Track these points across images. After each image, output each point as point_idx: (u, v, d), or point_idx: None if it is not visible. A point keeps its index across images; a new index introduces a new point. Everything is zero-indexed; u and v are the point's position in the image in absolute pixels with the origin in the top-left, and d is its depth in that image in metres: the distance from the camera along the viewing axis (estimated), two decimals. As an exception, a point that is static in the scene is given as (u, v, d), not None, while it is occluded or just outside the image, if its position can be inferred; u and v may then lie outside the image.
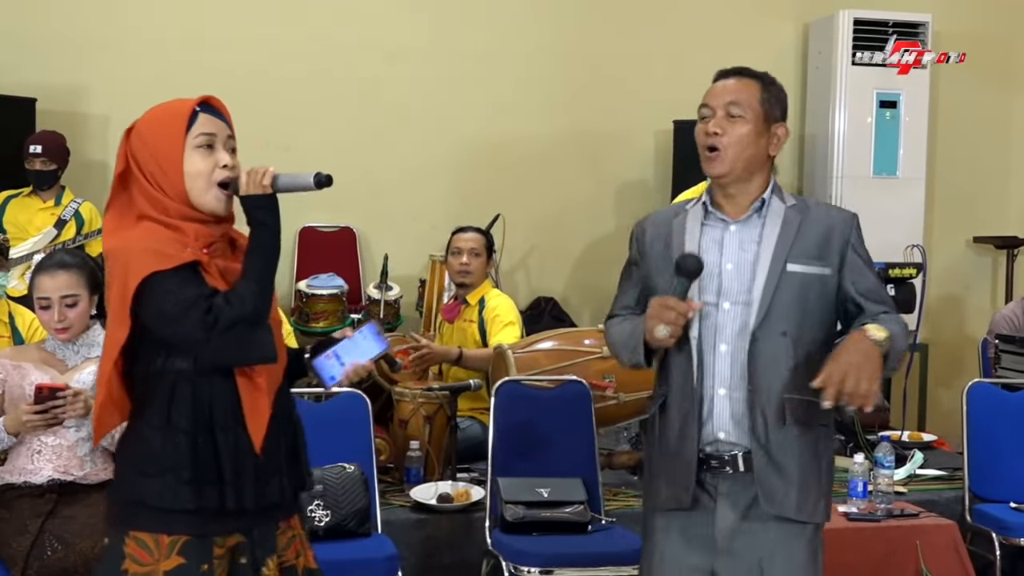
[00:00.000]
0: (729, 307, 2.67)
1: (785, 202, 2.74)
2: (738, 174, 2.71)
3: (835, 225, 2.73)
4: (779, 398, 2.63)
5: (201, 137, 2.44)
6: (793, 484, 2.64)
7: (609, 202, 7.17)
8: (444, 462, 4.75)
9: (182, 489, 2.37)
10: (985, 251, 7.60)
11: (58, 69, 6.39)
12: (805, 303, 2.66)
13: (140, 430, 2.43)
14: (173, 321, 2.34)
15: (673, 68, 6.96)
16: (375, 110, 6.80)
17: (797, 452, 2.65)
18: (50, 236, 5.73)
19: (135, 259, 2.35)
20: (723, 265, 2.70)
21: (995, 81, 7.45)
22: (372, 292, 6.09)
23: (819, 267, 2.68)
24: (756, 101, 2.71)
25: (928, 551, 4.27)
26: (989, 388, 4.92)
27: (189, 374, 2.40)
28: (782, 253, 2.67)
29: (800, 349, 2.65)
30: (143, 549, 2.38)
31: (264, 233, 2.44)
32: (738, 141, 2.69)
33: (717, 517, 2.68)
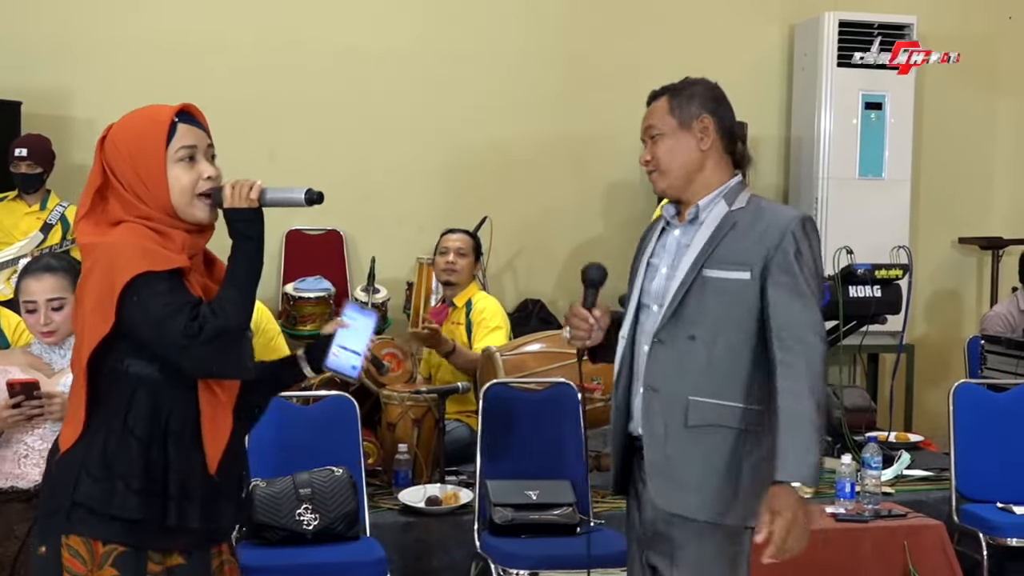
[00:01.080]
0: (656, 309, 2.75)
1: (732, 205, 2.74)
2: (679, 183, 2.78)
3: (770, 228, 2.68)
4: (684, 400, 2.67)
5: (183, 151, 2.41)
6: (692, 483, 2.67)
7: (596, 204, 7.18)
8: (432, 465, 4.75)
9: (130, 498, 2.33)
10: (970, 252, 7.63)
11: (43, 73, 6.38)
12: (719, 308, 2.67)
13: (92, 431, 2.36)
14: (157, 324, 2.31)
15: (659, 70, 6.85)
16: (362, 113, 6.79)
17: (700, 453, 2.67)
18: (36, 240, 5.70)
19: (126, 254, 2.32)
20: (659, 269, 2.79)
21: (979, 83, 7.48)
22: (359, 295, 6.08)
23: (737, 272, 2.66)
24: (666, 114, 2.79)
25: (915, 551, 4.28)
26: (975, 388, 4.94)
27: (151, 381, 2.37)
28: (702, 258, 2.70)
29: (714, 353, 2.66)
30: (75, 558, 2.34)
31: (248, 246, 2.41)
32: (665, 155, 2.77)
33: (641, 504, 2.79)
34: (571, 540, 4.11)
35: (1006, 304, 6.58)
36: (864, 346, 5.97)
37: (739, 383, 2.67)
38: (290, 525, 3.91)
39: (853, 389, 6.24)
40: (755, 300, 2.66)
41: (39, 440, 3.57)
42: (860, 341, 5.64)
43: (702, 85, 2.84)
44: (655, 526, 2.74)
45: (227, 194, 2.42)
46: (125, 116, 2.49)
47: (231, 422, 2.42)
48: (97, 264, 2.34)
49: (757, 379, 2.68)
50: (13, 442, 3.58)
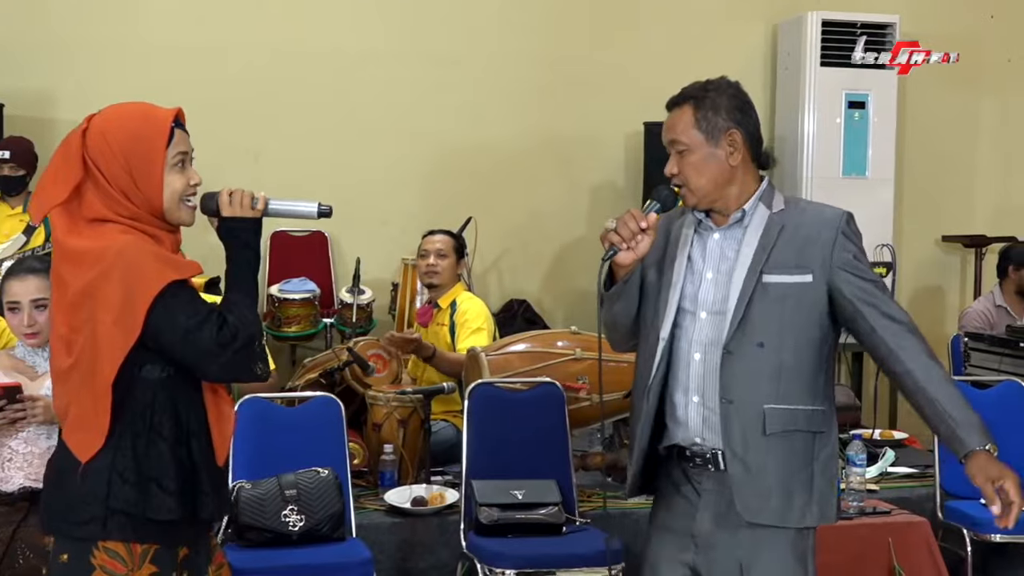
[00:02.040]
0: (706, 317, 2.69)
1: (772, 208, 2.72)
2: (710, 198, 2.71)
3: (818, 228, 2.68)
4: (759, 409, 2.64)
5: (178, 156, 2.43)
6: (773, 492, 2.64)
7: (580, 205, 7.18)
8: (418, 465, 4.75)
9: (165, 498, 2.35)
10: (954, 250, 7.66)
11: (26, 75, 6.35)
12: (783, 313, 2.65)
13: (118, 437, 2.35)
14: (186, 333, 2.32)
15: (643, 70, 6.97)
16: (346, 115, 6.78)
17: (779, 460, 2.65)
18: (19, 243, 5.68)
19: (147, 264, 2.31)
20: (704, 274, 2.72)
21: (962, 82, 7.51)
22: (344, 296, 6.07)
23: (798, 275, 2.65)
24: (691, 127, 2.70)
25: (900, 548, 4.30)
26: (959, 385, 4.94)
27: (165, 382, 2.38)
28: (758, 263, 2.66)
29: (782, 359, 2.64)
30: (114, 559, 2.34)
31: (248, 253, 2.45)
32: (692, 172, 2.69)
33: (698, 514, 2.71)
34: (557, 540, 4.12)
35: (983, 300, 6.63)
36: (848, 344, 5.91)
37: (807, 386, 2.67)
38: (275, 526, 3.90)
39: (837, 387, 6.21)
40: (817, 301, 2.67)
41: (23, 444, 3.56)
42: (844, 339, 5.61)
43: (726, 92, 2.75)
44: (716, 535, 2.69)
45: (224, 202, 2.44)
46: (113, 110, 2.47)
47: (234, 414, 2.50)
48: (111, 273, 2.30)
49: (820, 380, 2.70)
50: (-2, 446, 3.58)
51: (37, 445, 3.57)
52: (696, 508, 2.72)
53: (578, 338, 5.07)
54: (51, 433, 3.56)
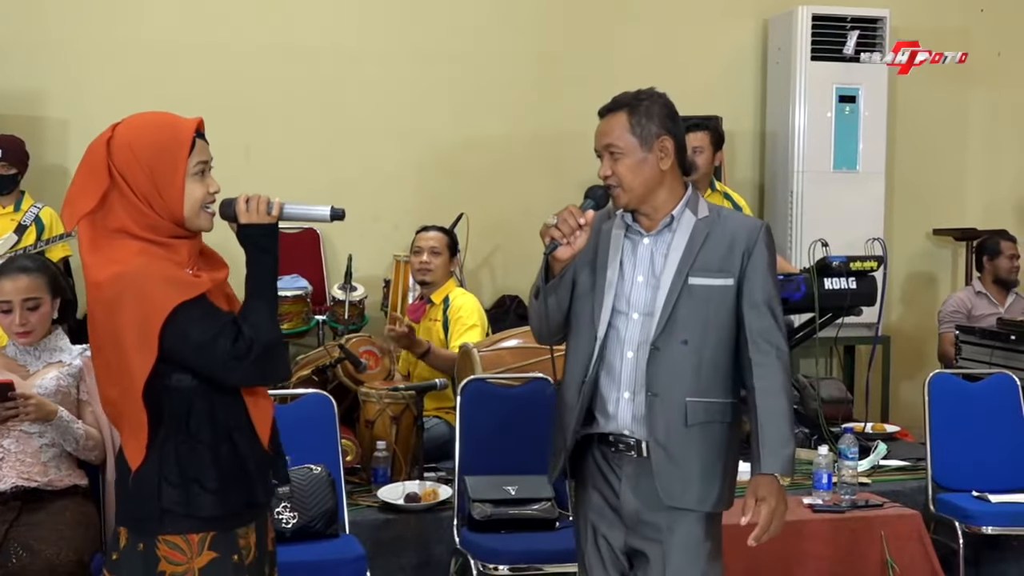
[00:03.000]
0: (637, 317, 2.87)
1: (697, 214, 2.89)
2: (640, 199, 2.89)
3: (739, 235, 2.87)
4: (681, 401, 2.82)
5: (199, 165, 2.49)
6: (694, 479, 2.83)
7: (572, 200, 7.02)
8: (411, 462, 4.75)
9: (206, 498, 2.45)
10: (945, 243, 7.68)
11: (16, 74, 6.33)
12: (706, 313, 2.83)
13: (160, 443, 2.46)
14: (200, 349, 2.40)
15: (634, 66, 6.96)
16: (337, 111, 6.78)
17: (698, 449, 2.84)
18: (10, 242, 5.67)
19: (155, 288, 2.38)
20: (635, 277, 2.89)
21: (952, 76, 7.52)
22: (336, 293, 6.07)
23: (721, 279, 2.84)
24: (626, 132, 2.86)
25: (892, 541, 4.31)
26: (951, 379, 4.98)
27: (199, 388, 2.46)
28: (685, 267, 2.84)
29: (703, 356, 2.83)
30: (174, 550, 2.46)
31: (267, 259, 2.52)
32: (627, 174, 2.85)
33: (621, 498, 2.88)
34: (550, 535, 4.12)
35: (966, 289, 6.74)
36: (840, 338, 5.99)
37: (722, 380, 2.87)
38: (269, 523, 3.90)
39: (829, 381, 6.27)
40: (734, 303, 2.86)
41: (15, 443, 3.56)
42: (836, 333, 5.66)
43: (659, 102, 2.91)
44: (639, 516, 2.86)
45: (242, 208, 2.51)
46: (137, 120, 2.51)
47: (272, 403, 2.59)
48: (125, 299, 2.37)
49: (733, 375, 2.90)
50: (-10, 445, 3.58)
51: (30, 444, 3.57)
52: (618, 491, 2.89)
53: (570, 333, 5.06)
54: (43, 432, 3.56)
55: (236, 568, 2.50)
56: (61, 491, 3.57)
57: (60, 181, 6.16)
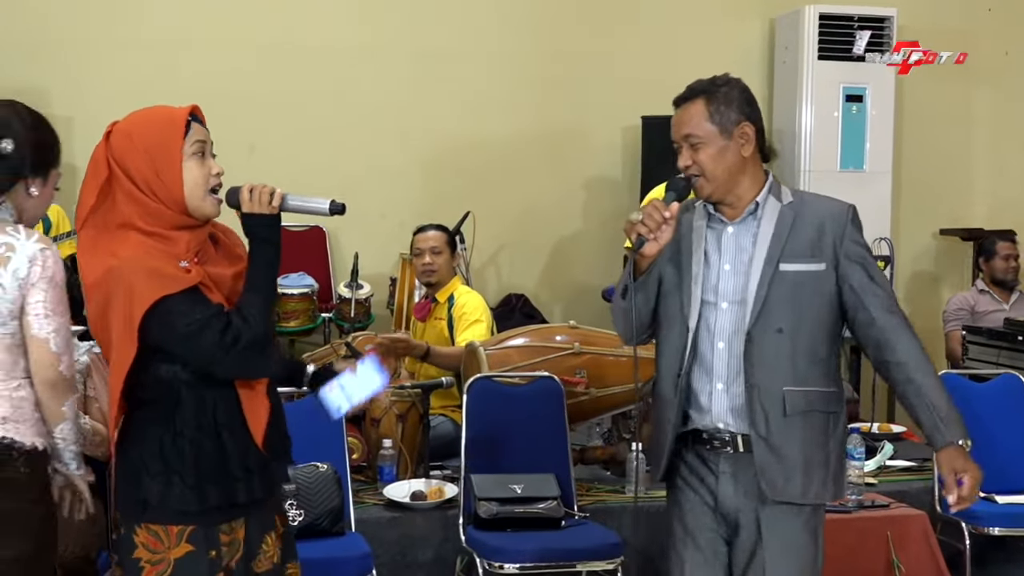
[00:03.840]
0: (727, 307, 2.81)
1: (782, 200, 2.84)
2: (724, 188, 2.81)
3: (828, 219, 2.82)
4: (779, 391, 2.75)
5: (196, 145, 2.51)
6: (796, 471, 2.77)
7: (578, 199, 7.17)
8: (417, 460, 4.75)
9: (186, 492, 2.46)
10: (951, 243, 7.67)
11: (20, 71, 6.32)
12: (800, 300, 2.78)
13: (144, 432, 2.48)
14: (186, 341, 2.42)
15: (640, 64, 6.97)
16: (343, 109, 6.78)
17: (799, 440, 2.77)
18: (17, 238, 5.66)
19: (139, 282, 2.39)
20: (722, 266, 2.83)
21: (958, 75, 7.50)
22: (343, 291, 6.07)
23: (813, 264, 2.79)
24: (706, 120, 2.80)
25: (899, 541, 4.31)
26: (957, 379, 4.96)
27: (190, 380, 2.48)
28: (775, 253, 2.78)
29: (798, 343, 2.78)
30: (154, 537, 2.47)
31: (268, 249, 2.54)
32: (707, 164, 2.78)
33: (719, 494, 2.82)
34: (556, 534, 4.12)
35: (971, 288, 6.73)
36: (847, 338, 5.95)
37: (821, 368, 2.81)
38: (275, 521, 3.90)
39: (836, 381, 6.25)
40: (829, 288, 2.80)
41: (22, 439, 3.56)
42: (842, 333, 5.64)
43: (736, 87, 2.86)
44: (738, 513, 2.81)
45: (245, 197, 2.52)
46: (134, 114, 2.55)
47: (268, 403, 2.56)
48: (115, 292, 2.41)
49: (832, 363, 2.86)
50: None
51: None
52: (715, 489, 2.83)
53: (577, 332, 5.07)
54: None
55: (212, 564, 2.49)
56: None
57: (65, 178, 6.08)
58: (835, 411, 2.84)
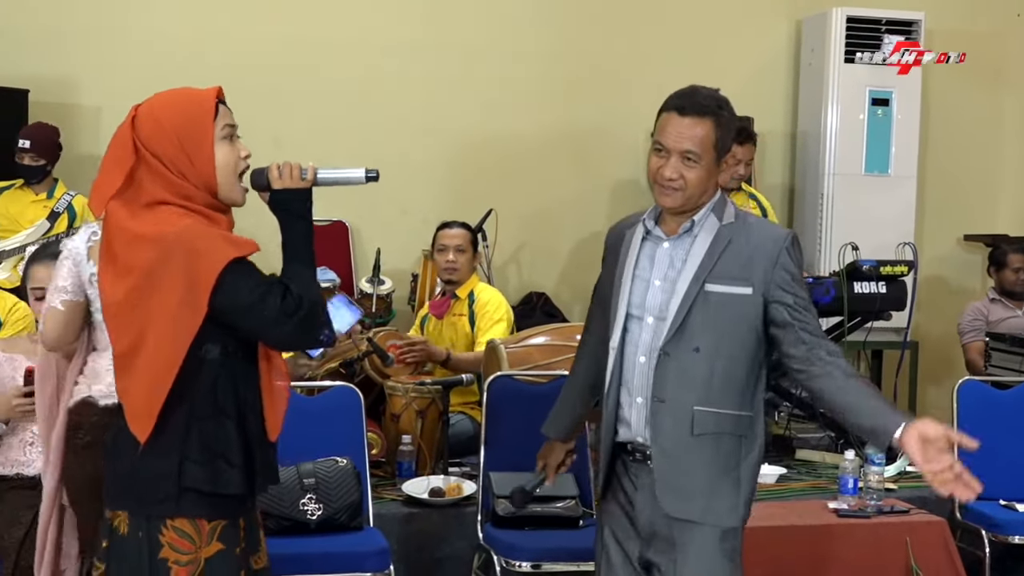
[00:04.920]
0: (652, 322, 2.80)
1: (722, 220, 2.80)
2: (692, 204, 2.79)
3: (764, 244, 2.77)
4: (688, 410, 2.75)
5: (226, 128, 2.48)
6: (699, 489, 2.76)
7: (601, 198, 7.17)
8: (436, 456, 4.75)
9: (233, 474, 2.41)
10: (975, 249, 7.62)
11: (50, 60, 6.37)
12: (722, 321, 2.75)
13: (185, 417, 2.39)
14: (250, 307, 2.35)
15: (666, 64, 6.95)
16: (367, 104, 6.79)
17: (705, 460, 2.76)
18: (43, 229, 5.71)
19: (207, 244, 2.34)
20: (652, 280, 2.82)
21: (987, 79, 7.46)
22: (364, 286, 6.08)
23: (739, 287, 2.74)
24: (711, 144, 2.76)
25: (918, 548, 4.28)
26: (979, 386, 4.94)
27: (225, 362, 2.42)
28: (703, 273, 2.75)
29: (715, 365, 2.75)
30: (183, 537, 2.40)
31: (302, 224, 2.50)
32: (695, 184, 2.75)
33: (636, 508, 2.83)
34: (574, 533, 4.11)
35: (985, 298, 6.68)
36: (868, 342, 5.97)
37: (737, 392, 2.78)
38: (294, 514, 3.91)
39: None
40: (754, 313, 2.76)
41: (45, 428, 3.58)
42: (864, 337, 5.64)
43: (730, 109, 2.84)
44: (653, 527, 2.81)
45: (275, 175, 2.49)
46: (159, 96, 2.50)
47: (288, 391, 2.54)
48: (173, 255, 2.33)
49: (750, 387, 2.80)
50: (19, 430, 3.60)
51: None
52: (634, 501, 2.84)
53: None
54: (71, 417, 3.58)
55: (237, 561, 2.46)
56: (89, 477, 3.59)
57: (93, 168, 6.07)
58: (746, 435, 2.80)
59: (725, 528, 2.79)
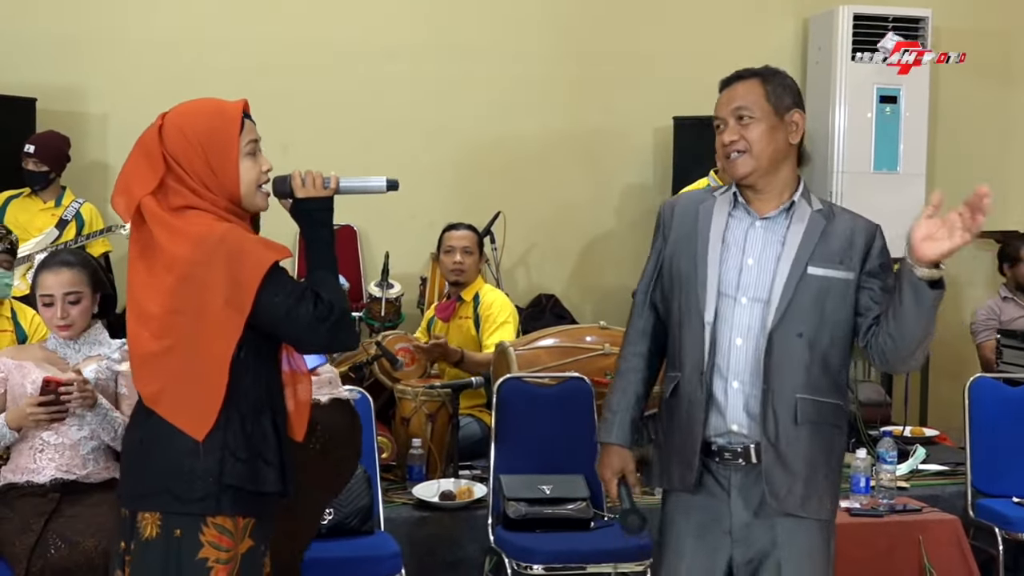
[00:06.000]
0: (747, 302, 2.72)
1: (812, 206, 2.77)
2: (764, 170, 2.73)
3: (858, 231, 2.76)
4: (792, 398, 2.68)
5: (251, 144, 2.52)
6: (799, 481, 2.69)
7: (609, 199, 7.16)
8: (446, 459, 4.75)
9: (269, 472, 2.46)
10: (986, 246, 7.57)
11: (58, 69, 6.39)
12: (823, 306, 2.70)
13: (226, 415, 2.42)
14: (288, 310, 2.40)
15: (673, 65, 6.95)
16: (375, 108, 6.79)
17: (805, 450, 2.70)
18: (52, 236, 5.72)
19: (252, 246, 2.41)
20: (744, 260, 2.74)
21: (995, 76, 7.44)
22: (373, 290, 6.08)
23: (841, 271, 2.71)
24: (761, 98, 2.74)
25: (930, 546, 4.27)
26: (991, 383, 4.92)
27: (255, 363, 2.46)
28: (804, 255, 2.71)
29: (816, 351, 2.70)
30: (223, 534, 2.43)
31: (325, 232, 2.55)
32: (756, 141, 2.72)
33: (732, 510, 2.73)
34: (585, 535, 4.11)
35: (994, 297, 6.64)
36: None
37: (834, 379, 2.74)
38: (304, 519, 3.91)
39: (868, 383, 6.22)
40: (851, 299, 2.72)
41: (55, 435, 3.59)
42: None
43: (789, 78, 2.84)
44: (749, 528, 2.72)
45: (298, 184, 2.54)
46: (187, 107, 2.54)
47: (311, 394, 2.61)
48: (216, 256, 2.37)
49: (843, 375, 2.77)
50: (29, 437, 3.60)
51: (68, 436, 3.59)
52: (727, 504, 2.74)
53: (607, 333, 5.06)
54: (82, 424, 3.58)
55: (262, 558, 2.50)
56: (99, 484, 3.59)
57: (101, 176, 6.22)
58: (840, 426, 2.77)
59: (823, 521, 2.75)
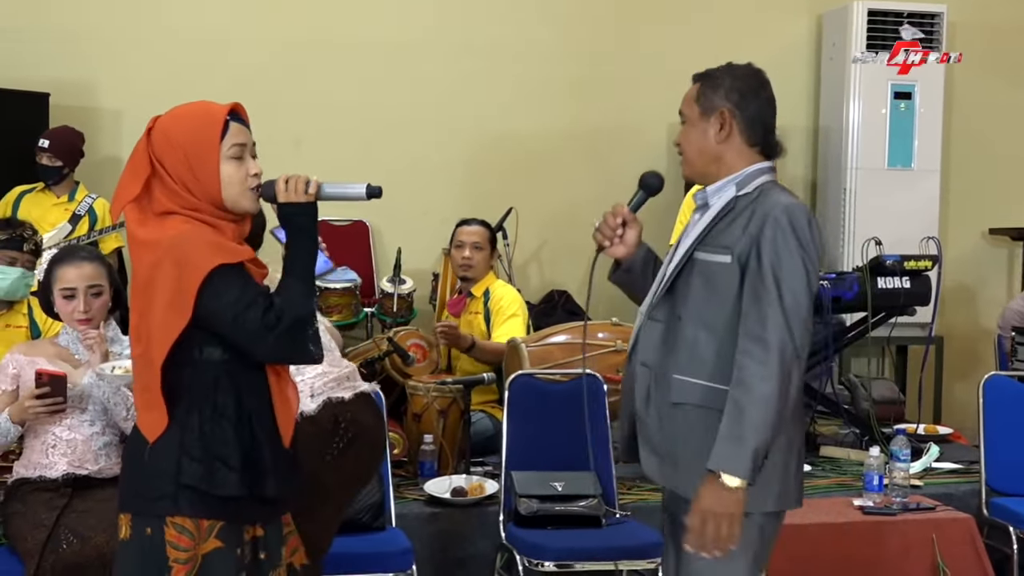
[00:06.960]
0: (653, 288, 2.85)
1: (739, 191, 2.73)
2: (697, 170, 2.83)
3: (758, 215, 2.65)
4: (668, 377, 2.72)
5: (234, 148, 2.50)
6: (679, 464, 2.70)
7: (621, 195, 7.00)
8: (458, 456, 4.75)
9: (230, 475, 2.43)
10: (1001, 242, 7.56)
11: (71, 64, 6.40)
12: (706, 290, 2.70)
13: (183, 417, 2.44)
14: (235, 316, 2.39)
15: (685, 61, 6.82)
16: (386, 104, 6.79)
17: (685, 432, 2.68)
18: (65, 231, 5.73)
19: (197, 249, 2.40)
20: (677, 252, 2.84)
21: (1009, 72, 7.40)
22: (385, 286, 6.07)
23: (720, 255, 2.68)
24: (693, 101, 2.82)
25: (944, 545, 4.25)
26: (1006, 381, 4.89)
27: (227, 364, 2.46)
28: (696, 240, 2.75)
29: (699, 334, 2.68)
30: (183, 534, 2.43)
31: (305, 238, 2.51)
32: (684, 143, 2.84)
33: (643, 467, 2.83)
34: (597, 532, 4.10)
35: (1021, 298, 6.55)
36: (893, 338, 5.91)
37: (717, 365, 2.66)
38: (316, 515, 3.91)
39: (882, 381, 6.21)
40: (736, 285, 2.65)
41: (67, 431, 3.60)
42: (889, 333, 5.59)
43: (733, 75, 2.84)
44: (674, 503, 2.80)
45: (281, 188, 2.50)
46: (175, 110, 2.55)
47: (298, 396, 2.58)
48: (164, 260, 2.39)
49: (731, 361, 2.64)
50: (41, 432, 3.61)
51: (80, 432, 3.60)
52: None
53: (619, 330, 5.05)
54: (95, 420, 3.59)
55: (238, 563, 2.47)
56: (111, 479, 3.59)
57: (114, 172, 6.18)
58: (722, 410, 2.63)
59: None
